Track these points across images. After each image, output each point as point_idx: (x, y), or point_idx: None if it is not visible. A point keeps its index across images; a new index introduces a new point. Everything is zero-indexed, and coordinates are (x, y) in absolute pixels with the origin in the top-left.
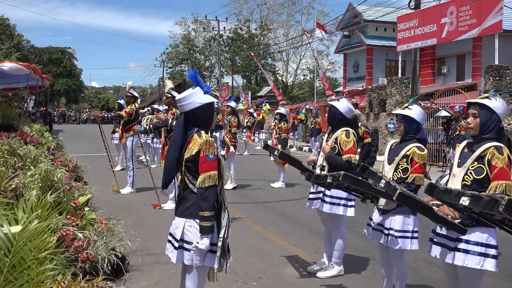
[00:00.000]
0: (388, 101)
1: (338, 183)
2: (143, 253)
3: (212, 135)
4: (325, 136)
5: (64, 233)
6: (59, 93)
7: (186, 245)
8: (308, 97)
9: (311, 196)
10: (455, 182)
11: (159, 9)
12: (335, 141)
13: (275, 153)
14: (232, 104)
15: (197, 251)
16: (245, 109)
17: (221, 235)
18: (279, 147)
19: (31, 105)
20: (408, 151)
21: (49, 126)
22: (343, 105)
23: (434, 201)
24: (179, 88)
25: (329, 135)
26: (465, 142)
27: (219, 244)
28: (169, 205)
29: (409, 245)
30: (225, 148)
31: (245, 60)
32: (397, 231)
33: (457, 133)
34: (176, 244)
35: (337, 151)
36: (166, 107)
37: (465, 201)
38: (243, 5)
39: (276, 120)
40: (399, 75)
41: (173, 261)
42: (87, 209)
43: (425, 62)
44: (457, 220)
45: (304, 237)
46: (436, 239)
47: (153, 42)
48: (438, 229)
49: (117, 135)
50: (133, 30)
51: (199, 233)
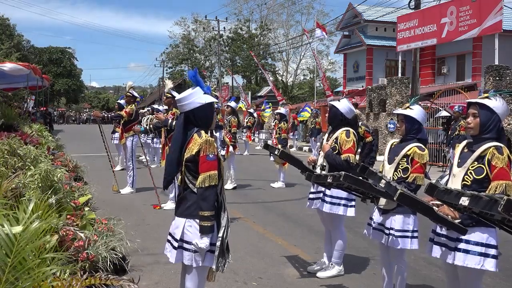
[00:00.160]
0: (388, 101)
1: (338, 183)
2: (143, 253)
3: (212, 135)
4: (325, 136)
5: (64, 233)
6: (59, 93)
7: (186, 245)
8: (308, 97)
9: (311, 196)
10: (455, 182)
11: (159, 9)
12: (335, 140)
13: (276, 152)
14: (232, 104)
15: (197, 250)
16: (245, 109)
17: (220, 235)
18: (279, 147)
19: (31, 105)
20: (408, 150)
21: (49, 126)
22: (343, 105)
23: (434, 201)
24: (179, 88)
25: (330, 135)
26: (465, 142)
27: (218, 244)
28: (169, 205)
29: (409, 245)
30: (225, 148)
31: (245, 60)
32: (398, 231)
33: (456, 133)
34: (175, 244)
35: (337, 151)
36: (166, 107)
37: (464, 201)
38: (243, 5)
39: (276, 120)
40: (399, 75)
41: (172, 261)
42: (87, 209)
43: (425, 62)
44: (457, 220)
45: (304, 237)
46: (436, 239)
47: (153, 42)
48: (438, 229)
49: (117, 135)
50: (133, 30)
51: (199, 233)
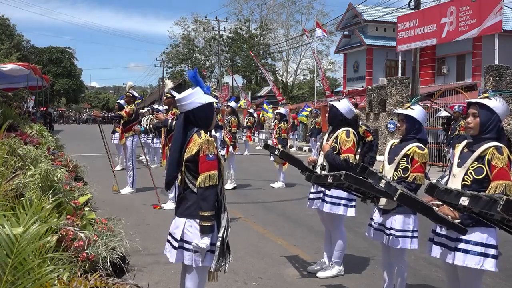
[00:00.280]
0: (388, 101)
1: (339, 182)
2: (143, 253)
3: (212, 135)
4: (325, 136)
5: (64, 233)
6: (59, 93)
7: (186, 245)
8: (308, 97)
9: (312, 196)
10: (455, 182)
11: (159, 9)
12: (335, 140)
13: (276, 152)
14: (232, 104)
15: (198, 250)
16: (245, 109)
17: (220, 235)
18: (279, 147)
19: (31, 105)
20: (408, 150)
21: (49, 126)
22: (343, 106)
23: (434, 201)
24: (179, 88)
25: (330, 135)
26: (465, 142)
27: (218, 244)
28: (169, 205)
29: (409, 245)
30: (225, 148)
31: (245, 60)
32: (398, 231)
33: (456, 133)
34: (175, 244)
35: (337, 151)
36: (166, 107)
37: (464, 201)
38: (243, 5)
39: (276, 120)
40: (399, 75)
41: (172, 261)
42: (87, 209)
43: (425, 62)
44: (457, 220)
45: (304, 237)
46: (436, 239)
47: (153, 42)
48: (438, 229)
49: (117, 135)
50: (133, 30)
51: (199, 233)
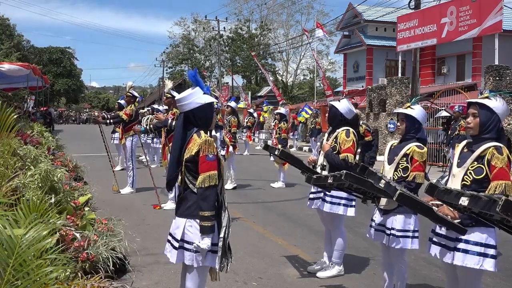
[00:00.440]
0: (388, 101)
1: (339, 183)
2: (143, 253)
3: (212, 135)
4: (325, 135)
5: (64, 233)
6: (59, 93)
7: (186, 245)
8: (308, 97)
9: (312, 195)
10: (455, 182)
11: (159, 9)
12: (335, 140)
13: (276, 152)
14: (232, 104)
15: (198, 250)
16: (245, 109)
17: (221, 235)
18: (279, 147)
19: (31, 105)
20: (408, 150)
21: (49, 126)
22: (343, 106)
23: (434, 201)
24: (179, 88)
25: (330, 135)
26: (465, 142)
27: (220, 244)
28: (169, 205)
29: (409, 245)
30: (225, 148)
31: (245, 60)
32: (399, 231)
33: (456, 133)
34: (176, 244)
35: (337, 151)
36: (166, 107)
37: (464, 201)
38: (243, 5)
39: (276, 120)
40: (399, 75)
41: (172, 261)
42: (87, 209)
43: (425, 62)
44: (456, 220)
45: (304, 237)
46: (435, 239)
47: (153, 42)
48: (437, 229)
49: (117, 135)
50: (133, 30)
51: (199, 233)
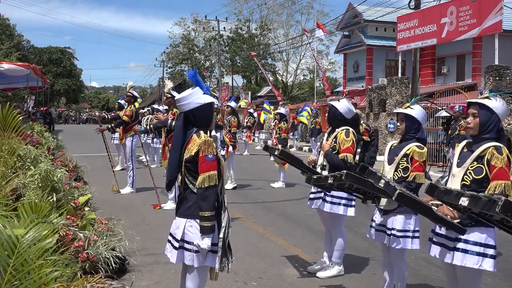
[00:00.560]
0: (388, 101)
1: (339, 183)
2: (143, 253)
3: (212, 135)
4: (325, 135)
5: (64, 233)
6: (59, 93)
7: (186, 245)
8: (308, 97)
9: (312, 195)
10: (455, 182)
11: (159, 9)
12: (334, 140)
13: (276, 153)
14: (232, 104)
15: (199, 249)
16: (245, 109)
17: (221, 236)
18: (279, 147)
19: (31, 105)
20: (408, 150)
21: (49, 126)
22: (342, 106)
23: (433, 201)
24: (179, 88)
25: (329, 135)
26: (465, 142)
27: (220, 244)
28: (169, 205)
29: (409, 245)
30: (225, 148)
31: (245, 60)
32: (399, 231)
33: (456, 133)
34: (176, 244)
35: (336, 151)
36: (166, 107)
37: (464, 202)
38: (243, 5)
39: (276, 120)
40: (399, 75)
41: (173, 261)
42: (87, 209)
43: (425, 62)
44: (456, 220)
45: (304, 237)
46: (435, 239)
47: (153, 42)
48: (437, 229)
49: (117, 135)
50: (133, 30)
51: (199, 233)
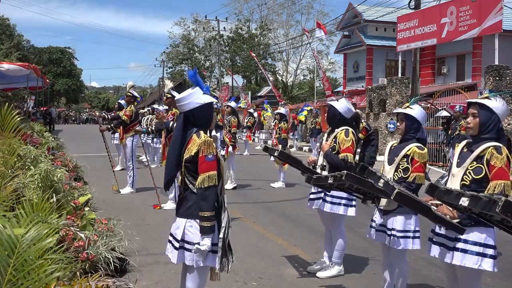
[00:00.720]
0: (388, 101)
1: (340, 183)
2: (143, 253)
3: (212, 135)
4: (325, 135)
5: (64, 233)
6: (59, 93)
7: (187, 245)
8: (308, 97)
9: (312, 196)
10: (454, 182)
11: (160, 9)
12: (334, 140)
13: (275, 153)
14: (232, 104)
15: (199, 251)
16: (245, 109)
17: (221, 236)
18: (279, 147)
19: (31, 105)
20: (408, 150)
21: (49, 125)
22: (342, 105)
23: (433, 201)
24: (179, 88)
25: (329, 135)
26: (465, 142)
27: (219, 244)
28: (169, 205)
29: (410, 245)
30: (225, 148)
31: (245, 60)
32: (399, 231)
33: (456, 133)
34: (176, 244)
35: (336, 151)
36: (166, 107)
37: (464, 202)
38: (243, 5)
39: (276, 120)
40: (399, 75)
41: (173, 261)
42: (87, 209)
43: (425, 62)
44: (455, 220)
45: (304, 237)
46: (435, 238)
47: (153, 42)
48: (437, 229)
49: (117, 135)
50: (134, 30)
51: (199, 233)
